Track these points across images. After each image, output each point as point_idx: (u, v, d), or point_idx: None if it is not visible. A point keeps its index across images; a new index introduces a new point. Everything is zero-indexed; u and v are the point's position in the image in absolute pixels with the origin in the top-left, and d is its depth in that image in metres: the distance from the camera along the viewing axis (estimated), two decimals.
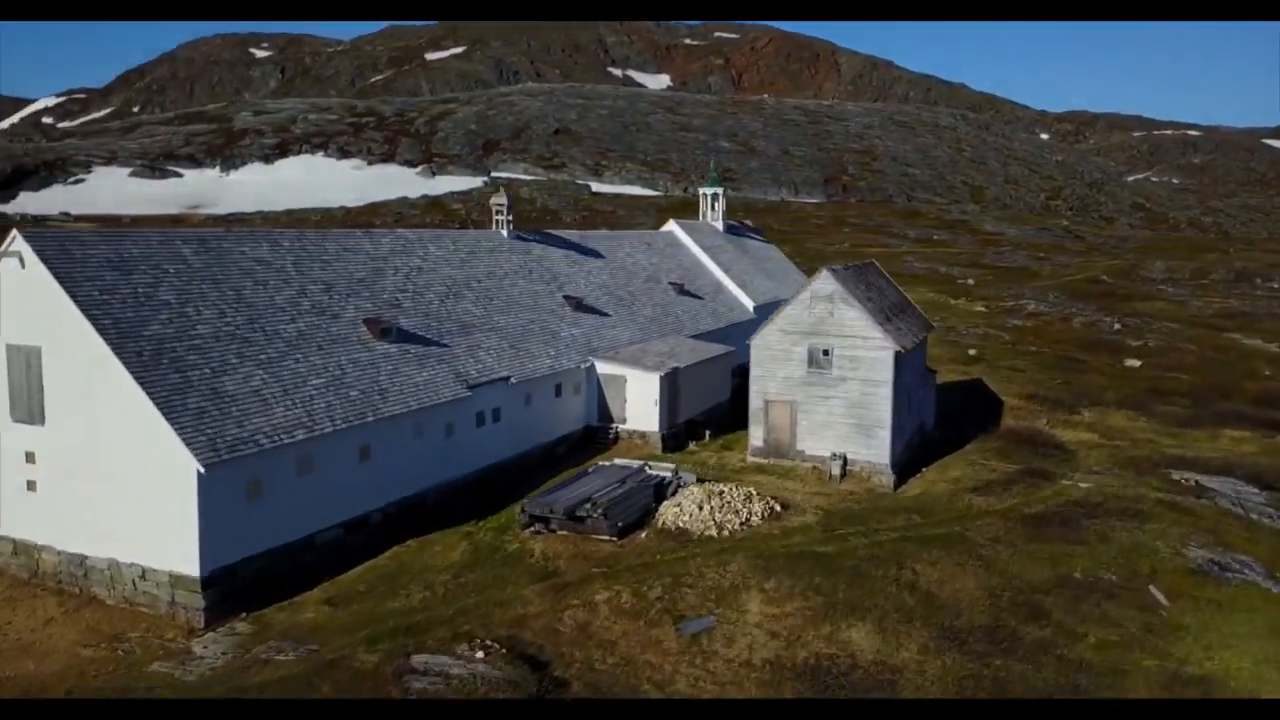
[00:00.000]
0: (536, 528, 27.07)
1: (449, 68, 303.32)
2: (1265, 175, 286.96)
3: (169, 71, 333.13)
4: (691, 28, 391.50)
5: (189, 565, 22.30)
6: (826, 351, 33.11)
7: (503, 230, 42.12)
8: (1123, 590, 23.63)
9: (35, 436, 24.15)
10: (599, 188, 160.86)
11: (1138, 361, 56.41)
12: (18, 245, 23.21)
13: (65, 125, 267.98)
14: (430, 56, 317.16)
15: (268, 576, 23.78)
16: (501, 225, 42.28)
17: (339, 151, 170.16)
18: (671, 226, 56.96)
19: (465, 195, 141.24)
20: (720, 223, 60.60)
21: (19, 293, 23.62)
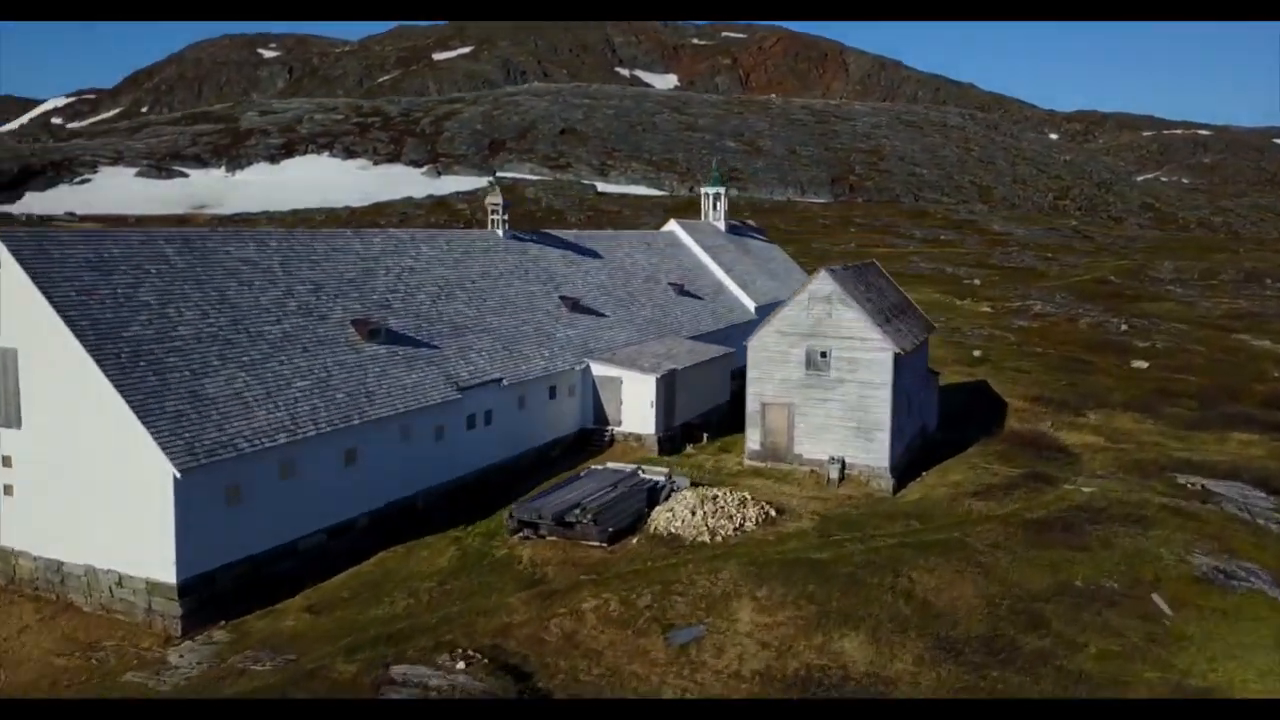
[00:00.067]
0: (525, 533, 26.52)
1: (456, 68, 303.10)
2: (1276, 175, 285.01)
3: (177, 72, 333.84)
4: (699, 28, 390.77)
5: (165, 572, 21.84)
6: (824, 353, 32.50)
7: (498, 230, 41.58)
8: (1125, 598, 23.01)
9: (11, 440, 23.70)
10: (605, 188, 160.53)
11: (1145, 363, 55.59)
12: None
13: (74, 125, 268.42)
14: (438, 56, 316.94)
15: (248, 583, 23.29)
16: (497, 225, 41.76)
17: (345, 152, 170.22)
18: (672, 226, 56.33)
19: (470, 195, 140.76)
20: (722, 222, 59.96)
21: None
